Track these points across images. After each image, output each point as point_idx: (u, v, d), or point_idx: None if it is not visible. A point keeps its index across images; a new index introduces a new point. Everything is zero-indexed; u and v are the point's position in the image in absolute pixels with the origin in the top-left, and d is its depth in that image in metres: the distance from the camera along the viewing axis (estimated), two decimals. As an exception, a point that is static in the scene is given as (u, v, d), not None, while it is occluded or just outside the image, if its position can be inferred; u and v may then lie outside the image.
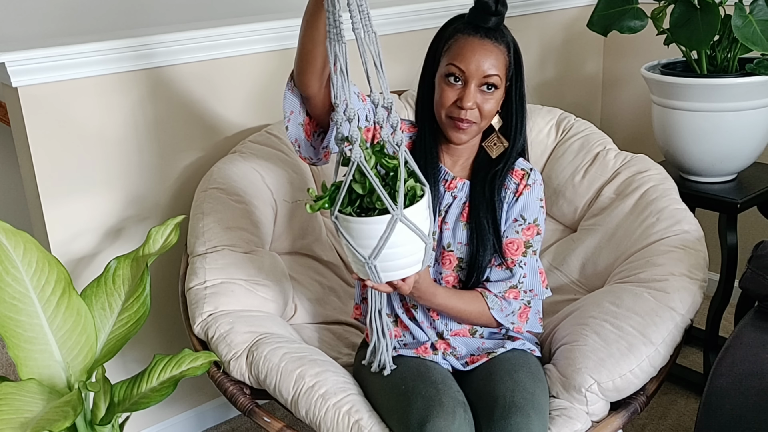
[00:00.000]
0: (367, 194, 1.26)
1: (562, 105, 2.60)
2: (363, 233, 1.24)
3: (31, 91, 1.77)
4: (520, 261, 1.53)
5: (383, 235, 1.23)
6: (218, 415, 2.28)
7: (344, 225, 1.26)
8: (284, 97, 1.41)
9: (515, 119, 1.53)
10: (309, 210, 1.29)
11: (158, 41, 1.90)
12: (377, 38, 1.23)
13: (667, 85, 2.08)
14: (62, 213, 1.87)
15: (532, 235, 1.55)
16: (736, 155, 2.10)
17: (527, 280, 1.55)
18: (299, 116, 1.42)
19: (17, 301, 1.49)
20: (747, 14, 1.93)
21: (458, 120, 1.47)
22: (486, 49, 1.44)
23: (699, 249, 1.74)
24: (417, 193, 1.27)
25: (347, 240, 1.26)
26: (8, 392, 1.43)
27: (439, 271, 1.56)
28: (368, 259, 1.26)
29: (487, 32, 1.45)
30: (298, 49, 1.34)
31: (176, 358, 1.60)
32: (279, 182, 1.93)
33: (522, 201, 1.55)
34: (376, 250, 1.25)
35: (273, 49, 2.10)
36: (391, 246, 1.25)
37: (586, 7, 2.70)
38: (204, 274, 1.71)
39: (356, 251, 1.26)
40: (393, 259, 1.27)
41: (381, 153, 1.29)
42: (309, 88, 1.36)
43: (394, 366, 1.50)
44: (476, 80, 1.45)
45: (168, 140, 2.00)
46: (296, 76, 1.38)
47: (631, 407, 1.52)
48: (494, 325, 1.57)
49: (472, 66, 1.44)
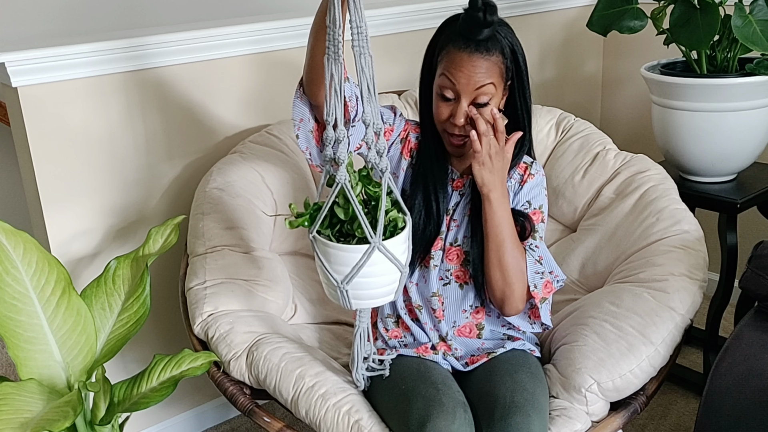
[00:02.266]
0: (348, 221, 1.25)
1: (561, 105, 2.61)
2: (339, 259, 1.24)
3: (31, 91, 1.77)
4: (531, 243, 1.52)
5: (358, 263, 1.23)
6: (218, 415, 2.29)
7: (321, 248, 1.26)
8: (293, 104, 1.40)
9: (521, 116, 1.53)
10: (288, 226, 1.29)
11: (158, 41, 1.90)
12: (373, 63, 1.21)
13: (667, 85, 2.08)
14: (62, 213, 1.87)
15: (538, 220, 1.54)
16: (736, 155, 2.10)
17: (545, 262, 1.53)
18: (308, 123, 1.41)
19: (17, 301, 1.49)
20: (747, 14, 1.93)
21: (453, 135, 1.47)
22: (475, 64, 1.42)
23: (699, 249, 1.74)
24: (398, 225, 1.27)
25: (322, 262, 1.26)
26: (8, 392, 1.43)
27: (446, 268, 1.56)
28: (341, 284, 1.25)
29: (477, 45, 1.42)
30: (307, 59, 1.33)
31: (176, 358, 1.60)
32: (279, 182, 1.93)
33: (527, 187, 1.55)
34: (349, 277, 1.24)
35: (274, 49, 2.10)
36: (365, 275, 1.24)
37: (585, 7, 2.70)
38: (204, 274, 1.71)
39: (330, 274, 1.26)
40: (366, 288, 1.27)
41: (367, 179, 1.28)
42: (318, 96, 1.36)
43: (368, 383, 1.50)
44: (467, 96, 1.44)
45: (169, 140, 2.00)
46: (305, 85, 1.37)
47: (631, 407, 1.52)
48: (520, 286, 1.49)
49: (462, 81, 1.42)
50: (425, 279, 1.56)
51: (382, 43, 2.25)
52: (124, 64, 1.87)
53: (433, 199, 1.53)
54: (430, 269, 1.55)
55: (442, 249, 1.56)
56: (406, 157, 1.57)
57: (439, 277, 1.56)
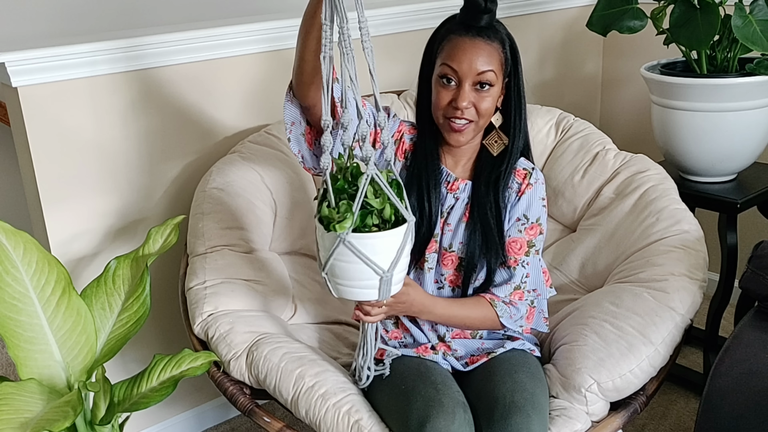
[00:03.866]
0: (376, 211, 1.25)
1: (561, 105, 2.61)
2: (381, 247, 1.24)
3: (31, 91, 1.77)
4: (523, 261, 1.53)
5: (402, 245, 1.24)
6: (218, 415, 2.29)
7: (361, 243, 1.23)
8: (284, 108, 1.40)
9: (514, 115, 1.53)
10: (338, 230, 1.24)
11: (158, 41, 1.90)
12: (354, 61, 1.21)
13: (667, 85, 2.08)
14: (62, 213, 1.87)
15: (535, 234, 1.54)
16: (736, 155, 2.10)
17: (530, 280, 1.54)
18: (300, 126, 1.41)
19: (17, 301, 1.49)
20: (747, 14, 1.93)
21: (454, 120, 1.46)
22: (478, 47, 1.43)
23: (699, 249, 1.74)
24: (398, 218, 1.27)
25: (363, 258, 1.24)
26: (8, 392, 1.43)
27: (440, 272, 1.56)
28: (386, 272, 1.25)
29: (479, 31, 1.44)
30: (297, 60, 1.32)
31: (176, 358, 1.60)
32: (278, 182, 1.93)
33: (525, 200, 1.54)
34: (395, 261, 1.25)
35: (273, 49, 2.10)
36: (406, 255, 1.26)
37: (585, 7, 2.70)
38: (204, 274, 1.71)
39: (375, 267, 1.24)
40: (402, 269, 1.29)
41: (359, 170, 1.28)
42: (308, 98, 1.36)
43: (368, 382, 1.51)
44: (470, 79, 1.44)
45: (168, 140, 2.00)
46: (295, 87, 1.36)
47: (631, 407, 1.52)
48: (500, 328, 1.57)
49: (465, 65, 1.43)
50: (420, 281, 1.56)
51: (382, 43, 2.25)
52: (123, 64, 1.87)
53: (426, 199, 1.52)
54: (425, 272, 1.55)
55: (437, 252, 1.55)
56: (400, 159, 1.57)
57: (434, 279, 1.56)
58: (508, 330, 1.59)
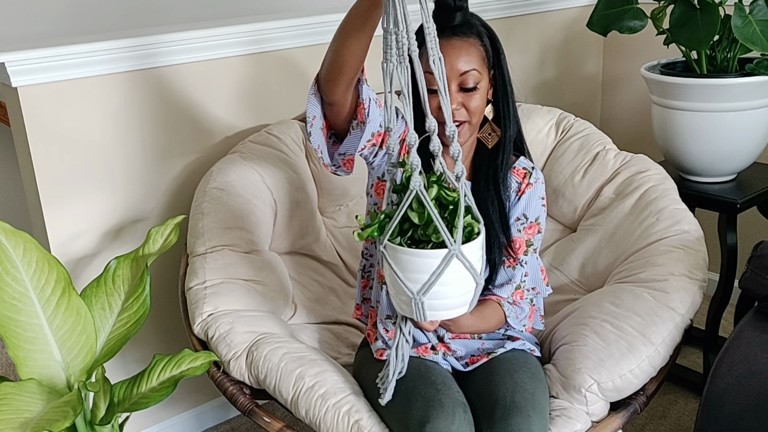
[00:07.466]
0: (422, 226, 1.19)
1: (561, 105, 2.61)
2: (414, 266, 1.17)
3: (31, 91, 1.77)
4: (522, 260, 1.53)
5: (436, 271, 1.15)
6: (218, 415, 2.28)
7: (393, 256, 1.18)
8: (308, 101, 1.38)
9: (503, 105, 1.51)
10: (357, 238, 1.21)
11: (158, 41, 1.90)
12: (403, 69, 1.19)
13: (667, 85, 2.08)
14: (62, 213, 1.87)
15: (534, 233, 1.55)
16: (736, 155, 2.10)
17: (529, 279, 1.55)
18: (320, 120, 1.40)
19: (17, 301, 1.49)
20: (747, 14, 1.93)
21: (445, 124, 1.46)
22: (455, 48, 1.42)
23: (699, 249, 1.74)
24: (474, 231, 1.21)
25: (395, 272, 1.18)
26: (8, 392, 1.43)
27: None
28: (416, 294, 1.18)
29: (453, 30, 1.43)
30: (331, 57, 1.30)
31: (176, 358, 1.60)
32: (278, 182, 1.93)
33: (524, 200, 1.54)
34: (427, 286, 1.16)
35: (273, 49, 2.10)
36: (442, 284, 1.17)
37: (585, 7, 2.70)
38: (204, 274, 1.71)
39: (405, 285, 1.18)
40: (442, 297, 1.19)
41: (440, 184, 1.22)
42: (334, 95, 1.34)
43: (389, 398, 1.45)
44: (454, 82, 1.43)
45: (168, 140, 2.00)
46: (323, 83, 1.35)
47: (631, 407, 1.52)
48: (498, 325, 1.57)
49: (445, 69, 1.42)
50: None
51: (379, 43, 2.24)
52: (123, 64, 1.87)
53: None
54: None
55: None
56: None
57: None
58: (509, 330, 1.59)
